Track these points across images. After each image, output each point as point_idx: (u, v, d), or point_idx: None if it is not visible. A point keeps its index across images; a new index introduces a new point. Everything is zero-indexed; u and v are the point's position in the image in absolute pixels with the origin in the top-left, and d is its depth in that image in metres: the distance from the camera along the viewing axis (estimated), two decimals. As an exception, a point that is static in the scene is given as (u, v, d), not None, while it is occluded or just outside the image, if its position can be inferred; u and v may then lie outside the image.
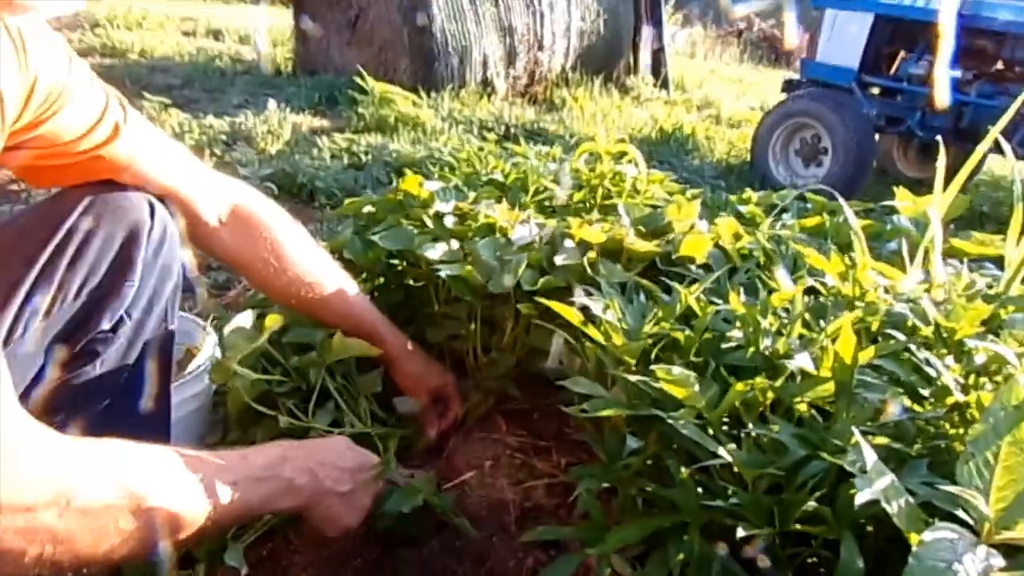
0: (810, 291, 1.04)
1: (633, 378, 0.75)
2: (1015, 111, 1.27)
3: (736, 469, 0.68)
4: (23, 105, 0.74)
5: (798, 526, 0.64)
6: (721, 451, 0.69)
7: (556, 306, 0.87)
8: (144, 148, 0.88)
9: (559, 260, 1.11)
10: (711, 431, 0.72)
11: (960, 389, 0.71)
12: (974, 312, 0.78)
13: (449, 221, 1.29)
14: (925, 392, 0.73)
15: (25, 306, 0.80)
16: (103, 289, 0.85)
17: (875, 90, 4.10)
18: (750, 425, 0.72)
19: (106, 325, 0.85)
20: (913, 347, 0.78)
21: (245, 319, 0.99)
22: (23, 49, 0.72)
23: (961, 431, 0.68)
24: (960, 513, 0.56)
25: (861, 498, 0.56)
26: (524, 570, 0.88)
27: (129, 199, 0.87)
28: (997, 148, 1.24)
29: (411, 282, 1.29)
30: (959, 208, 1.19)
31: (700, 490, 0.72)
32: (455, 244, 1.23)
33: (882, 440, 0.65)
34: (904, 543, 0.55)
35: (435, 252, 1.20)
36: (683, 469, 0.72)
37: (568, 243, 1.18)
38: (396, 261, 1.29)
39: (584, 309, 0.86)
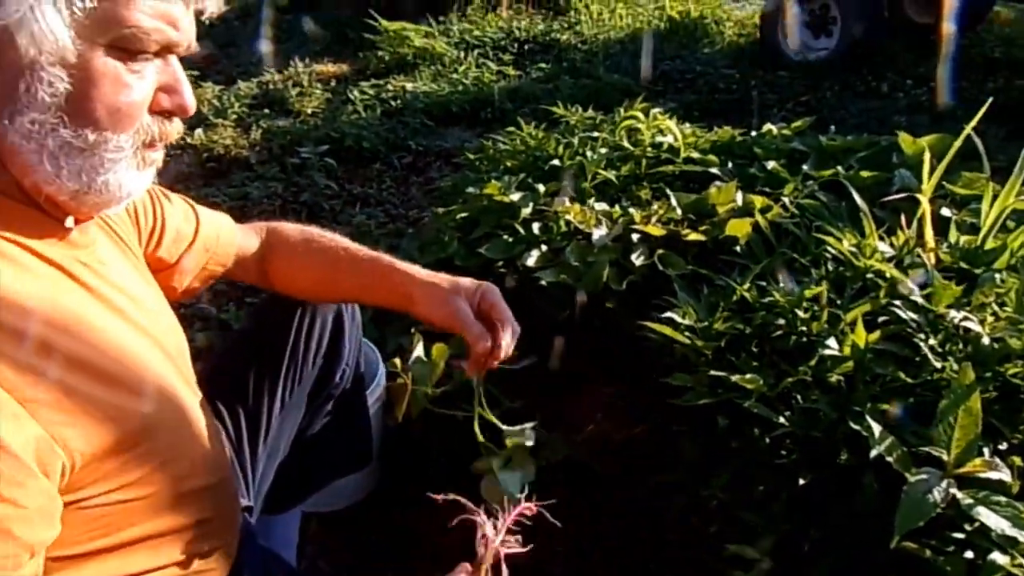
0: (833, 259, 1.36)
1: (715, 373, 1.11)
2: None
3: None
4: (135, 228, 0.94)
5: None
6: (780, 419, 1.05)
7: (652, 325, 1.22)
8: (222, 237, 1.08)
9: (635, 259, 1.44)
10: (772, 403, 1.08)
11: (938, 357, 1.04)
12: (950, 292, 1.10)
13: (535, 226, 1.60)
14: (917, 358, 1.07)
15: (287, 380, 1.17)
16: (330, 356, 1.21)
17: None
18: (799, 397, 1.08)
19: (337, 379, 1.22)
20: (906, 319, 1.11)
21: (419, 350, 1.35)
22: None
23: (943, 385, 1.03)
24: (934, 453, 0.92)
25: (873, 452, 0.92)
26: (646, 497, 1.28)
27: None
28: None
29: (513, 279, 1.62)
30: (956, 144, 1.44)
31: (767, 440, 1.08)
32: (544, 248, 1.56)
33: (884, 405, 1.01)
34: (902, 476, 0.91)
35: (531, 259, 1.53)
36: (755, 431, 1.09)
37: (635, 236, 1.51)
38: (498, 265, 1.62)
39: (669, 319, 1.20)
